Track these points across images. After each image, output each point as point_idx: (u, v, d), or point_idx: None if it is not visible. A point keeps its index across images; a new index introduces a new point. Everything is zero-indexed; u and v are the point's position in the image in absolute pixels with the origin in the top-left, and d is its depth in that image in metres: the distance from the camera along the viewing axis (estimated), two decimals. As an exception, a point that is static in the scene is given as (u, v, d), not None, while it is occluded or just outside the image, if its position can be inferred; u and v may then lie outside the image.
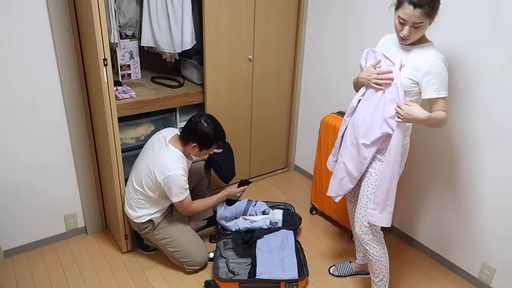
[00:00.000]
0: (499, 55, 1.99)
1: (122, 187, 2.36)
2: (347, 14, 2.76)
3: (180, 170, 2.17)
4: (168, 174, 2.14)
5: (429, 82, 1.73)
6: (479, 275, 2.34)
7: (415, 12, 1.65)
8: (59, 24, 2.18)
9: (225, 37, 2.71)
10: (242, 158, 3.24)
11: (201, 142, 2.23)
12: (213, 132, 2.24)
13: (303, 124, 3.41)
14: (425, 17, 1.67)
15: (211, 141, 2.25)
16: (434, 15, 1.69)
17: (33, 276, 2.34)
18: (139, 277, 2.37)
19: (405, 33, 1.72)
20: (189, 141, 2.23)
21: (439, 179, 2.42)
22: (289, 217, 2.71)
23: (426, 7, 1.64)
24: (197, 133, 2.22)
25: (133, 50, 2.70)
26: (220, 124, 2.31)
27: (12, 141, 2.26)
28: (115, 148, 2.25)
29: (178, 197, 2.20)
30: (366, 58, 1.94)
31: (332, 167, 2.15)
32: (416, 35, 1.73)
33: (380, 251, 2.02)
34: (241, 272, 2.36)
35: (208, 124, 2.23)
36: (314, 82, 3.18)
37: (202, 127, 2.22)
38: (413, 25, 1.69)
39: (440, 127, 1.85)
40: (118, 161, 2.28)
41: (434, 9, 1.67)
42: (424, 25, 1.70)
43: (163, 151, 2.23)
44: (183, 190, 2.20)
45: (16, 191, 2.36)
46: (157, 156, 2.22)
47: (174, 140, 2.28)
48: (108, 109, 2.14)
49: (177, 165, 2.17)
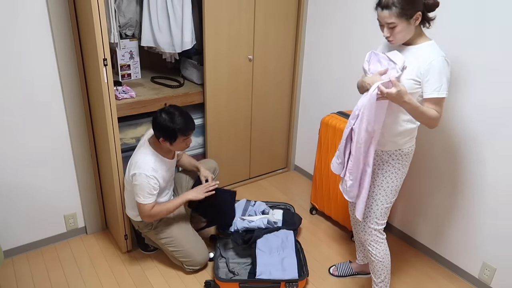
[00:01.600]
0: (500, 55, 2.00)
1: (122, 187, 2.36)
2: (347, 14, 2.76)
3: (147, 169, 2.12)
4: (136, 172, 2.12)
5: (429, 81, 1.70)
6: (479, 275, 2.34)
7: (384, 13, 1.66)
8: (59, 24, 2.18)
9: (225, 37, 2.71)
10: (242, 158, 3.24)
11: (166, 136, 2.13)
12: (174, 124, 2.10)
13: (303, 124, 3.41)
14: (395, 18, 1.65)
15: (174, 132, 2.11)
16: (409, 16, 1.66)
17: (33, 276, 2.34)
18: (139, 277, 2.37)
19: (385, 34, 1.73)
20: (158, 136, 2.16)
21: (439, 180, 2.42)
22: (289, 217, 2.71)
23: (392, 8, 1.64)
24: (158, 127, 2.13)
25: (133, 50, 2.70)
26: (183, 114, 2.15)
27: (12, 141, 2.26)
28: (115, 148, 2.25)
29: (139, 198, 2.14)
30: (369, 61, 1.92)
31: (337, 169, 2.09)
32: (399, 36, 1.71)
33: (383, 252, 2.02)
34: (241, 272, 2.36)
35: (168, 115, 2.11)
36: (314, 82, 3.18)
37: (160, 119, 2.11)
38: (388, 25, 1.69)
39: (430, 128, 1.80)
40: (118, 161, 2.28)
41: (405, 10, 1.64)
42: (399, 25, 1.67)
43: (139, 149, 2.23)
44: (145, 194, 2.13)
45: (16, 191, 2.36)
46: (134, 154, 2.24)
47: (153, 137, 2.24)
48: (108, 109, 2.14)
49: (145, 164, 2.13)
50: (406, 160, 1.91)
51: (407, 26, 1.69)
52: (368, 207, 1.97)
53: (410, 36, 1.74)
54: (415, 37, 1.76)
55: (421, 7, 1.68)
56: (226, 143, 3.07)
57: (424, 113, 1.71)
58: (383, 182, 1.91)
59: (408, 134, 1.87)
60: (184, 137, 2.17)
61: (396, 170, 1.90)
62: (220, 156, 3.04)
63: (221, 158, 3.05)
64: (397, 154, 1.88)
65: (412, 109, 1.69)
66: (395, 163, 1.89)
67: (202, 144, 3.01)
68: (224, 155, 3.09)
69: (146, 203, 2.15)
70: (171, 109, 2.16)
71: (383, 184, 1.92)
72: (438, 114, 1.73)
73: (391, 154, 1.89)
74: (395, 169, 1.90)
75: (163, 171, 2.22)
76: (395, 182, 1.92)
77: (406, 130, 1.84)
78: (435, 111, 1.72)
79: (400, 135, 1.85)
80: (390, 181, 1.91)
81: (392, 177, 1.91)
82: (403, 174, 1.94)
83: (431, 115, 1.72)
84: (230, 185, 3.26)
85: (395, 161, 1.89)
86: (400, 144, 1.87)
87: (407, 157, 1.91)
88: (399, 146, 1.87)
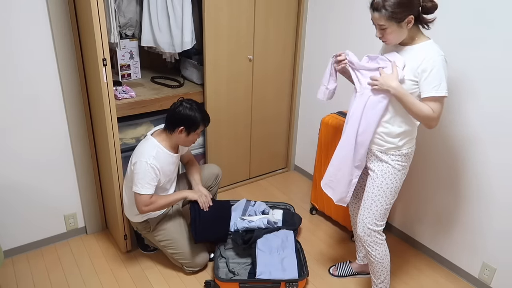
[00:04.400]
0: (501, 55, 1.99)
1: (122, 187, 2.36)
2: (347, 14, 2.76)
3: (149, 158, 2.10)
4: (137, 160, 2.10)
5: (427, 80, 1.70)
6: (479, 275, 2.34)
7: (375, 14, 1.68)
8: (59, 24, 2.18)
9: (225, 37, 2.71)
10: (242, 158, 3.24)
11: (187, 124, 2.16)
12: (197, 113, 2.17)
13: (303, 124, 3.41)
14: (385, 20, 1.66)
15: (196, 121, 2.17)
16: (399, 19, 1.66)
17: (33, 276, 2.34)
18: (139, 277, 2.37)
19: (377, 35, 1.76)
20: (175, 127, 2.16)
21: (439, 180, 2.42)
22: (289, 217, 2.71)
23: (383, 11, 1.64)
24: (180, 116, 2.15)
25: (133, 50, 2.70)
26: (200, 105, 2.24)
27: (12, 141, 2.26)
28: (115, 148, 2.25)
29: (137, 187, 2.09)
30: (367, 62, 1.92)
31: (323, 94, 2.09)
32: (390, 37, 1.72)
33: (382, 253, 2.02)
34: (241, 272, 2.36)
35: (191, 105, 2.18)
36: (314, 82, 3.18)
37: (185, 109, 2.16)
38: (379, 27, 1.71)
39: (428, 127, 1.80)
40: (118, 161, 2.28)
41: (395, 13, 1.64)
42: (389, 28, 1.68)
43: (141, 142, 2.23)
44: (144, 183, 2.09)
45: (16, 191, 2.37)
46: (137, 148, 2.23)
47: (157, 133, 2.24)
48: (107, 109, 2.14)
49: (147, 153, 2.12)
50: (405, 161, 1.91)
51: (398, 29, 1.69)
52: (367, 208, 1.97)
53: (403, 38, 1.74)
54: (413, 37, 1.76)
55: (414, 11, 1.68)
56: (226, 143, 3.07)
57: (415, 105, 1.71)
58: (383, 183, 1.91)
59: (407, 135, 1.87)
60: (202, 127, 2.23)
61: (396, 171, 1.90)
62: (220, 156, 3.04)
63: (221, 158, 3.05)
64: (396, 155, 1.88)
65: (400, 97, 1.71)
66: (395, 164, 1.89)
67: (202, 144, 3.01)
68: (224, 155, 3.09)
69: (143, 193, 2.10)
70: (190, 101, 2.22)
71: (383, 185, 1.91)
72: (434, 113, 1.72)
73: (391, 155, 1.88)
74: (395, 170, 1.90)
75: (164, 164, 2.19)
76: (395, 183, 1.92)
77: (405, 131, 1.84)
78: (428, 107, 1.72)
79: (399, 136, 1.85)
80: (390, 182, 1.91)
81: (391, 178, 1.91)
82: (403, 175, 1.94)
83: (422, 109, 1.72)
84: (230, 185, 3.26)
85: (394, 162, 1.89)
86: (399, 145, 1.87)
87: (407, 158, 1.91)
88: (398, 147, 1.87)
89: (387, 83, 1.73)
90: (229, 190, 3.23)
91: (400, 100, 1.74)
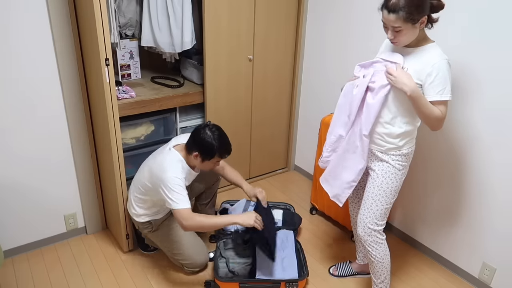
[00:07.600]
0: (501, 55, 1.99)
1: (124, 187, 2.36)
2: (347, 14, 2.76)
3: (178, 173, 2.07)
4: (167, 175, 2.04)
5: (432, 84, 1.70)
6: (479, 275, 2.34)
7: (390, 16, 1.65)
8: (59, 24, 2.18)
9: (225, 37, 2.71)
10: (242, 158, 3.24)
11: (203, 151, 2.10)
12: (216, 142, 2.09)
13: (303, 124, 3.41)
14: (401, 22, 1.64)
15: (212, 151, 2.10)
16: (415, 21, 1.65)
17: (33, 276, 2.34)
18: (139, 277, 2.37)
19: (389, 37, 1.73)
20: (192, 150, 2.12)
21: (440, 180, 2.42)
22: (289, 217, 2.71)
23: (400, 12, 1.62)
24: (199, 140, 2.10)
25: (133, 50, 2.70)
26: (226, 136, 2.17)
27: (12, 141, 2.26)
28: (117, 148, 2.25)
29: (175, 203, 2.02)
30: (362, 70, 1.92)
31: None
32: (403, 39, 1.71)
33: (383, 253, 2.02)
34: (241, 272, 2.36)
35: (213, 133, 2.10)
36: (314, 82, 3.18)
37: (205, 135, 2.09)
38: (393, 29, 1.68)
39: (433, 129, 1.80)
40: (120, 161, 2.28)
41: (412, 15, 1.62)
42: (404, 29, 1.66)
43: (164, 154, 2.17)
44: (181, 197, 2.03)
45: (16, 191, 2.36)
46: (157, 158, 2.19)
47: (180, 147, 2.20)
48: (110, 109, 2.14)
49: (175, 167, 2.09)
50: (406, 161, 1.92)
51: (412, 30, 1.68)
52: (367, 208, 1.97)
53: (414, 38, 1.73)
54: (418, 39, 1.75)
55: (427, 11, 1.68)
56: (226, 143, 3.07)
57: (428, 107, 1.71)
58: (383, 183, 1.91)
59: (408, 135, 1.87)
60: (219, 158, 2.16)
61: (396, 171, 1.90)
62: (220, 156, 3.04)
63: (221, 158, 3.05)
64: (396, 155, 1.88)
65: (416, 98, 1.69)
66: (395, 164, 1.89)
67: (202, 144, 3.01)
68: (224, 155, 3.08)
69: (185, 207, 2.03)
70: (215, 127, 2.14)
71: (383, 185, 1.92)
72: (442, 116, 1.74)
73: (391, 155, 1.89)
74: (395, 170, 1.90)
75: (186, 180, 2.15)
76: (395, 183, 1.92)
77: (405, 132, 1.84)
78: (439, 112, 1.73)
79: (399, 136, 1.85)
80: (390, 182, 1.91)
81: (392, 177, 1.91)
82: (403, 175, 1.94)
83: (436, 115, 1.72)
84: (230, 185, 3.25)
85: (395, 161, 1.89)
86: (400, 145, 1.87)
87: (407, 158, 1.92)
88: (399, 147, 1.87)
89: (403, 80, 1.69)
90: (229, 190, 3.23)
91: (415, 100, 1.70)
